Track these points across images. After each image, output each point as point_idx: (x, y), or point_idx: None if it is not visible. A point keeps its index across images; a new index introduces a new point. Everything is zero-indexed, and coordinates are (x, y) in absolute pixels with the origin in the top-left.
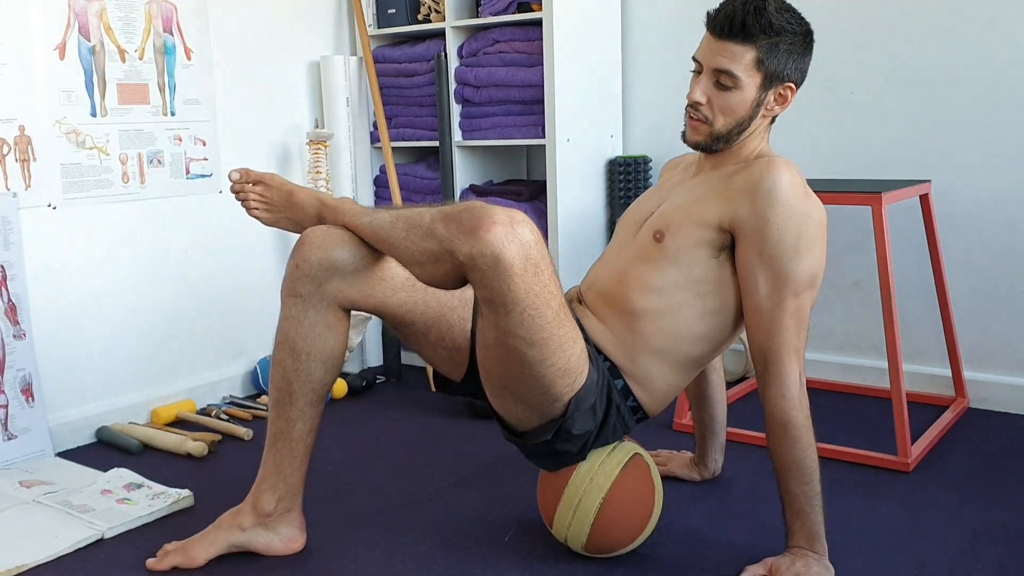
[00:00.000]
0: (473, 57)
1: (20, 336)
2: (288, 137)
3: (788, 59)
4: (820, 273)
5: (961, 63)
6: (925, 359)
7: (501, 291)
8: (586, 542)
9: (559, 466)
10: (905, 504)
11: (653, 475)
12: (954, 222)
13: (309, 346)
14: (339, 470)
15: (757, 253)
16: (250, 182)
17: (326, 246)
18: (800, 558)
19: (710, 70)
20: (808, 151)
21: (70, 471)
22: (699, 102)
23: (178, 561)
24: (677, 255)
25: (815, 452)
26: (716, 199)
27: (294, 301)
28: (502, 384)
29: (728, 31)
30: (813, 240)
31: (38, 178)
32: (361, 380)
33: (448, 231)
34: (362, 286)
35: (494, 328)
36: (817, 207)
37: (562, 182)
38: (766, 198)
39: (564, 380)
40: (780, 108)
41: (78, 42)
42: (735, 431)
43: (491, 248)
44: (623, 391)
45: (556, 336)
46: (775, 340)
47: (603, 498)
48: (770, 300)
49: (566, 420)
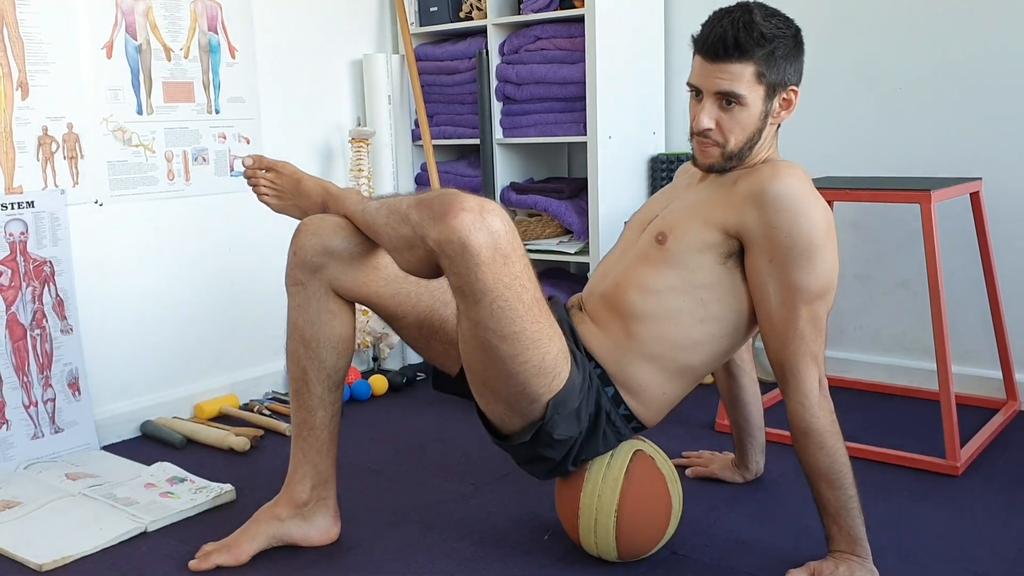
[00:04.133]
0: (515, 54)
1: (67, 331)
2: (330, 135)
3: (785, 64)
4: (834, 277)
5: (1013, 57)
6: (975, 361)
7: (469, 279)
8: (618, 554)
9: (547, 474)
10: (954, 508)
11: (660, 465)
12: (1005, 221)
13: (317, 333)
14: (379, 467)
15: (767, 261)
16: (262, 168)
17: (321, 233)
18: (844, 562)
19: (712, 94)
20: (855, 148)
21: (115, 464)
22: (708, 128)
23: (223, 560)
24: (679, 258)
25: (845, 455)
26: (722, 205)
27: (296, 290)
28: (481, 380)
29: (723, 52)
30: (823, 244)
31: (85, 175)
32: (401, 377)
33: (420, 216)
34: (356, 275)
35: (467, 319)
36: (823, 210)
37: (603, 180)
38: (772, 204)
39: (540, 379)
40: (787, 113)
41: (125, 41)
42: (776, 432)
43: (457, 234)
44: (614, 399)
45: (529, 331)
46: (791, 348)
47: (616, 511)
48: (783, 308)
49: (546, 423)
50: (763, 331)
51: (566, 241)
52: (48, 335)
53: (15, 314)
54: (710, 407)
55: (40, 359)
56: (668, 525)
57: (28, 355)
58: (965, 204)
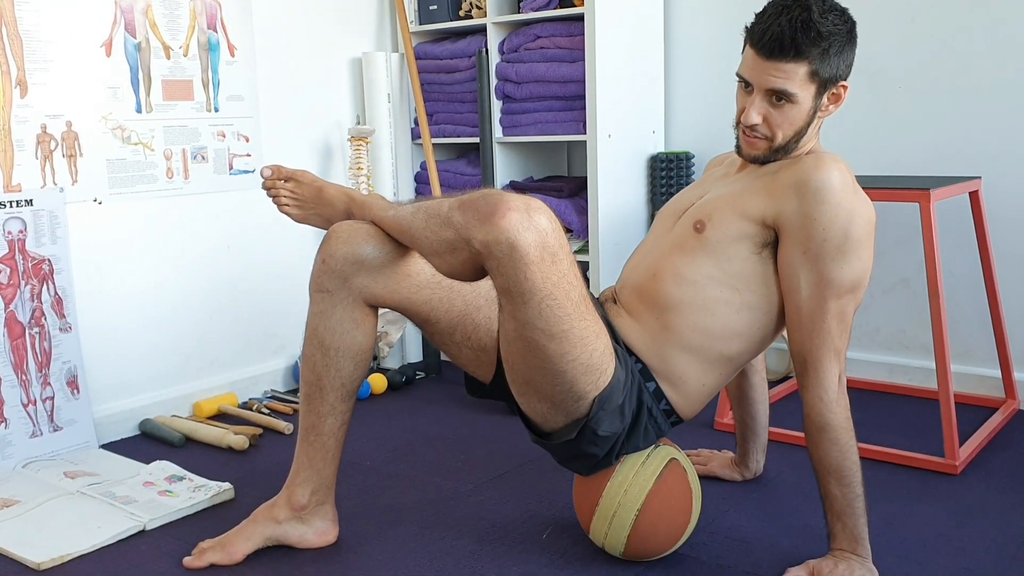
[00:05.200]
0: (514, 53)
1: (66, 329)
2: (330, 133)
3: (839, 60)
4: (866, 275)
5: (1013, 56)
6: (974, 360)
7: (518, 280)
8: (623, 551)
9: (590, 470)
10: (952, 507)
11: (691, 479)
12: (1005, 220)
13: (338, 342)
14: (378, 465)
15: (801, 252)
16: (281, 179)
17: (352, 241)
18: (843, 561)
19: (763, 90)
20: (855, 147)
21: (113, 463)
22: (756, 123)
23: (217, 558)
24: (716, 247)
25: (856, 454)
26: (761, 193)
27: (321, 296)
28: (525, 380)
29: (779, 52)
30: (860, 241)
31: (84, 173)
32: (401, 376)
33: (464, 218)
34: (387, 282)
35: (513, 320)
36: (866, 206)
37: (603, 178)
38: (814, 196)
39: (587, 377)
40: (835, 107)
41: (124, 39)
42: (777, 431)
43: (506, 235)
44: (655, 394)
45: (577, 329)
46: (815, 341)
47: (639, 510)
48: (812, 301)
49: (591, 419)
50: (789, 322)
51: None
52: (47, 333)
53: (13, 312)
54: (710, 406)
55: (39, 357)
56: (679, 539)
57: (27, 353)
58: (964, 203)
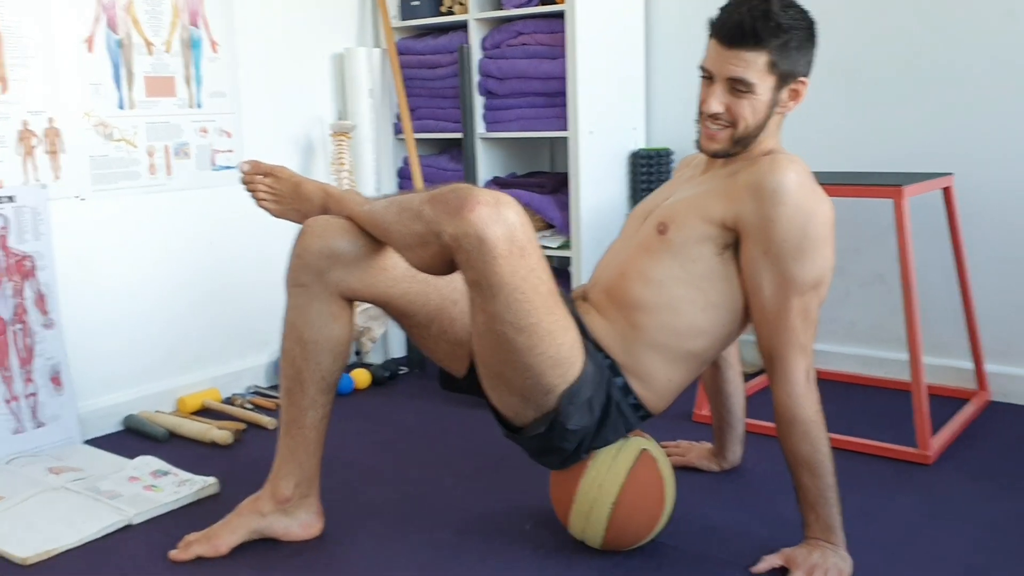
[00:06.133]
0: (496, 49)
1: (49, 325)
2: (312, 129)
3: (798, 56)
4: (828, 271)
5: (985, 55)
6: (947, 352)
7: (486, 273)
8: (602, 544)
9: (561, 464)
10: (925, 497)
11: (662, 468)
12: (976, 215)
13: (316, 335)
14: (362, 459)
15: (762, 252)
16: (260, 174)
17: (326, 235)
18: (817, 549)
19: (723, 79)
20: (829, 143)
21: (98, 458)
22: (717, 112)
23: (202, 551)
24: (680, 248)
25: (827, 445)
26: (721, 196)
27: (298, 291)
28: (495, 374)
29: (739, 39)
30: (819, 239)
31: (67, 170)
32: (384, 371)
33: (434, 212)
34: (363, 275)
35: (483, 313)
36: (824, 204)
37: (585, 174)
38: (770, 198)
39: (555, 370)
40: (794, 104)
41: (106, 35)
42: (754, 423)
43: (475, 228)
44: (623, 388)
45: (545, 323)
46: (781, 338)
47: (613, 504)
48: (775, 299)
49: (560, 414)
50: (755, 320)
51: (548, 235)
52: (29, 329)
53: None
54: (688, 398)
55: (21, 353)
56: (656, 526)
57: (9, 349)
58: (938, 199)
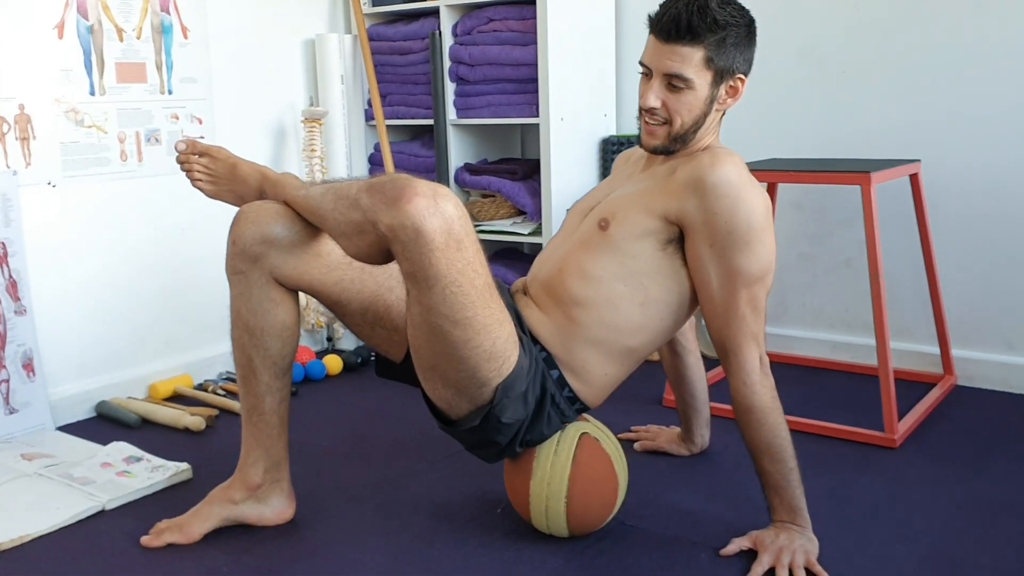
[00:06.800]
0: (467, 35)
1: (21, 312)
2: (283, 115)
3: (736, 52)
4: (772, 260)
5: (952, 42)
6: (913, 337)
7: (423, 265)
8: (569, 533)
9: (496, 457)
10: (891, 479)
11: (606, 446)
12: (943, 201)
13: (261, 322)
14: (334, 445)
15: (708, 247)
16: (196, 153)
17: (260, 221)
18: (784, 531)
19: (660, 74)
20: (798, 130)
21: (70, 444)
22: (654, 107)
23: (174, 538)
24: (620, 244)
25: (785, 431)
26: (663, 192)
27: (237, 279)
28: (430, 366)
29: (675, 34)
30: (761, 229)
31: (38, 156)
32: (356, 357)
33: (371, 201)
34: (297, 262)
35: (418, 304)
36: (762, 196)
37: (556, 161)
38: (712, 192)
39: (490, 364)
40: (732, 100)
41: (76, 21)
42: (721, 407)
43: (411, 220)
44: (559, 381)
45: (481, 316)
46: (732, 329)
47: (566, 497)
48: (724, 291)
49: (494, 407)
50: (705, 313)
51: (519, 222)
52: (1, 316)
53: None
54: (658, 383)
55: None
56: (616, 501)
57: None
58: (905, 185)
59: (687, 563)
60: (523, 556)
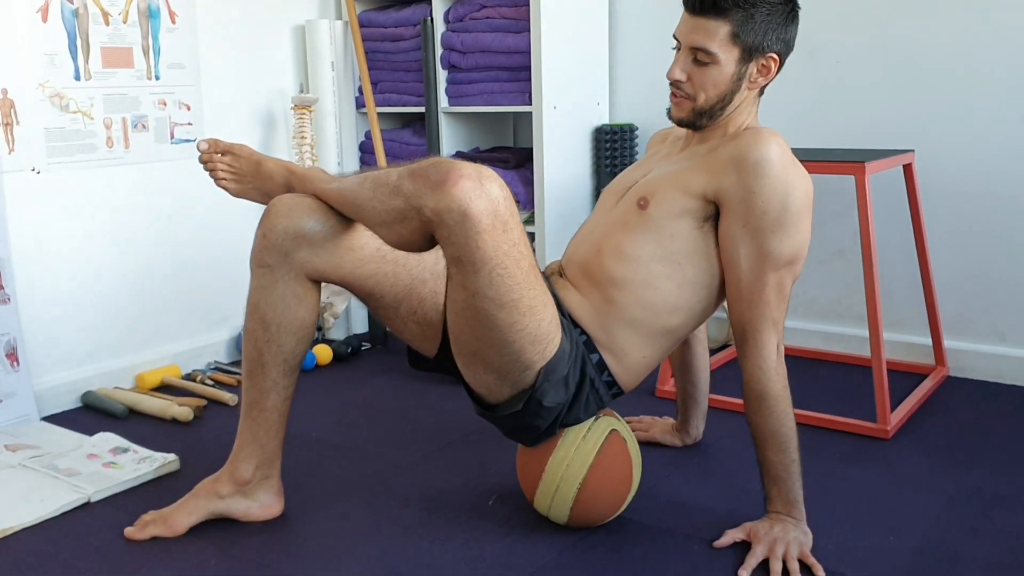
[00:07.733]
0: (460, 22)
1: (4, 300)
2: (273, 102)
3: (766, 30)
4: (804, 247)
5: (946, 35)
6: (906, 328)
7: (469, 248)
8: (567, 521)
9: (535, 441)
10: (883, 470)
11: (631, 449)
12: (937, 192)
13: (279, 317)
14: (324, 436)
15: (741, 225)
16: (219, 152)
17: (293, 215)
18: (778, 523)
19: (687, 48)
20: (792, 120)
21: (56, 435)
22: (679, 80)
23: (158, 531)
24: (660, 224)
25: (792, 421)
26: (702, 170)
27: (262, 272)
28: (472, 351)
29: (700, 7)
30: (798, 214)
31: (22, 142)
32: (347, 347)
33: (415, 186)
34: (330, 256)
35: (463, 289)
36: (804, 179)
37: (548, 149)
38: (753, 170)
39: (535, 347)
40: (764, 80)
41: (61, 4)
42: (717, 398)
43: (458, 202)
44: (598, 365)
45: (526, 298)
46: (755, 312)
47: (580, 483)
48: (751, 273)
49: (536, 390)
50: (729, 293)
51: None
52: None
53: None
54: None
55: None
56: (622, 504)
57: None
58: (899, 176)
59: (681, 555)
60: (515, 548)
